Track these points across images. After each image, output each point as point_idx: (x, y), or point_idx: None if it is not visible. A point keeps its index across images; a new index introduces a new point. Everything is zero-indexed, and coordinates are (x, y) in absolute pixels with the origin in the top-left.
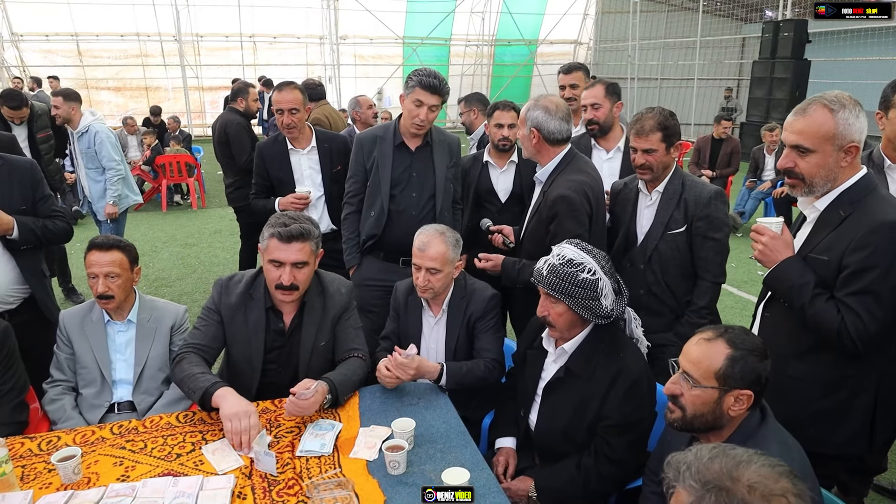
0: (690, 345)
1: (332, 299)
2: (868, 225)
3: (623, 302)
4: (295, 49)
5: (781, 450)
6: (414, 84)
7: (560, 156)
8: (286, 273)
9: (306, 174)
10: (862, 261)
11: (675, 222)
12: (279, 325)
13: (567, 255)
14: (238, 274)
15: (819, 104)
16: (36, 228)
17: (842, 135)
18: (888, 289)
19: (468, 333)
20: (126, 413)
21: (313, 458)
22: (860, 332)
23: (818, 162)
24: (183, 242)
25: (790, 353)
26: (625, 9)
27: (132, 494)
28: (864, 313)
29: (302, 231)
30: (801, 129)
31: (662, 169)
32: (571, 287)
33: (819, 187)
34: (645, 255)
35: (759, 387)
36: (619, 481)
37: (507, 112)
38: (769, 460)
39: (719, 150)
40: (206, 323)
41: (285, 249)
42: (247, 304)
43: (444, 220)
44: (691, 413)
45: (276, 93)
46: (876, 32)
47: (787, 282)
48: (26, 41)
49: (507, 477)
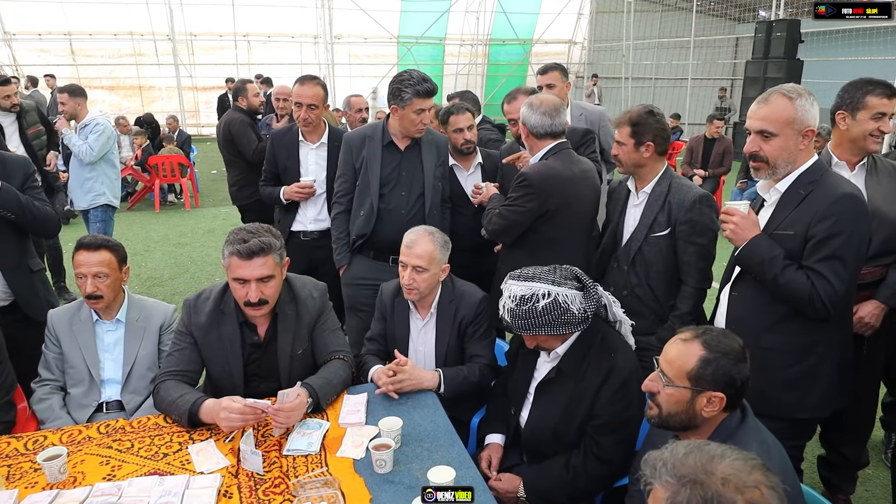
0: (669, 344)
1: (304, 305)
2: (830, 197)
3: (593, 293)
4: (289, 48)
5: (760, 449)
6: (410, 96)
7: (546, 148)
8: (252, 290)
9: (312, 168)
10: (827, 229)
11: (659, 225)
12: (254, 338)
13: (516, 293)
14: (206, 291)
15: (779, 94)
16: (21, 198)
17: (800, 119)
18: (852, 253)
19: (459, 337)
20: (114, 412)
21: (300, 456)
22: (830, 295)
23: (781, 145)
24: (176, 242)
25: (761, 327)
26: (619, 8)
27: (118, 494)
28: (832, 277)
29: (262, 245)
30: (765, 116)
31: (633, 165)
32: (538, 320)
33: (781, 168)
34: (629, 257)
35: (732, 389)
36: (606, 480)
37: (463, 115)
38: (742, 454)
39: (712, 149)
40: (179, 347)
41: (247, 266)
42: (219, 320)
43: (433, 218)
44: (666, 411)
45: (297, 86)
46: (867, 32)
47: (757, 256)
48: (19, 40)
49: (491, 470)
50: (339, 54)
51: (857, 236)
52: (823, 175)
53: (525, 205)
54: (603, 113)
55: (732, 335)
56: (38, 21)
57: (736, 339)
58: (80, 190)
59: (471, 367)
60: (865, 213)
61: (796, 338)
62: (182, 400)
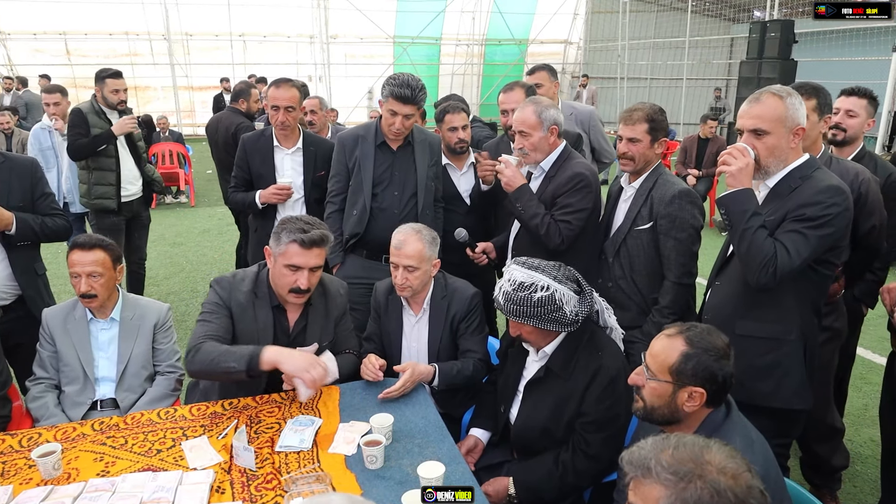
0: (655, 339)
1: (333, 301)
2: (816, 187)
3: (588, 299)
4: (285, 48)
5: (744, 443)
6: (387, 94)
7: (563, 145)
8: (304, 277)
9: (288, 174)
10: (803, 209)
11: (642, 218)
12: (284, 323)
13: (517, 278)
14: (239, 272)
15: (769, 93)
16: (35, 225)
17: (791, 118)
18: (818, 236)
19: (451, 333)
20: (109, 410)
21: (292, 453)
22: (784, 264)
23: (773, 143)
24: (171, 241)
25: (737, 314)
26: (614, 9)
27: (111, 489)
28: (791, 248)
29: (322, 237)
30: (758, 114)
31: (644, 162)
32: (531, 308)
33: (773, 167)
34: (614, 248)
35: (713, 385)
36: (595, 476)
37: (458, 114)
38: (717, 442)
39: (705, 149)
40: (216, 316)
41: (305, 255)
42: (254, 302)
43: (426, 218)
44: (649, 405)
45: (272, 89)
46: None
47: (743, 205)
48: (14, 39)
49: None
50: (335, 54)
51: (830, 224)
52: (815, 171)
53: (588, 205)
54: (593, 112)
55: (718, 333)
56: (33, 21)
57: (721, 337)
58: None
59: (465, 362)
60: (847, 207)
61: (770, 325)
62: (238, 350)
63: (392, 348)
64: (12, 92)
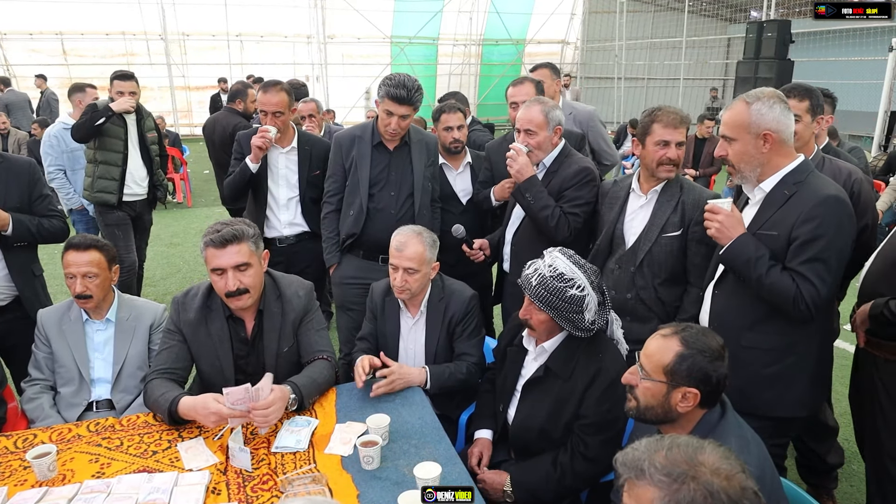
0: (650, 339)
1: (290, 303)
2: (814, 199)
3: (606, 313)
4: (282, 48)
5: (739, 444)
6: (383, 94)
7: (563, 143)
8: (230, 279)
9: (282, 173)
10: (811, 231)
11: (672, 225)
12: (241, 333)
13: (559, 268)
14: (193, 288)
15: (741, 99)
16: (31, 226)
17: (755, 123)
18: (835, 255)
19: (448, 336)
20: (104, 411)
21: (289, 453)
22: (814, 298)
23: (740, 149)
24: (168, 242)
25: (741, 326)
26: (611, 9)
27: (107, 491)
28: (816, 280)
29: (234, 233)
30: (726, 121)
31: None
32: (558, 301)
33: (748, 172)
34: (636, 259)
35: (707, 386)
36: (593, 478)
37: (454, 114)
38: (711, 443)
39: (702, 149)
40: (167, 346)
41: (222, 255)
42: (207, 316)
43: (423, 218)
44: (643, 405)
45: (260, 93)
46: (857, 33)
47: (743, 256)
48: (10, 39)
49: (480, 467)
50: (332, 54)
51: (840, 239)
52: (809, 176)
53: (593, 199)
54: (592, 113)
55: (713, 333)
56: (29, 21)
57: (715, 338)
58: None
59: (458, 364)
60: (850, 215)
61: (776, 337)
62: (163, 398)
63: (389, 350)
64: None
